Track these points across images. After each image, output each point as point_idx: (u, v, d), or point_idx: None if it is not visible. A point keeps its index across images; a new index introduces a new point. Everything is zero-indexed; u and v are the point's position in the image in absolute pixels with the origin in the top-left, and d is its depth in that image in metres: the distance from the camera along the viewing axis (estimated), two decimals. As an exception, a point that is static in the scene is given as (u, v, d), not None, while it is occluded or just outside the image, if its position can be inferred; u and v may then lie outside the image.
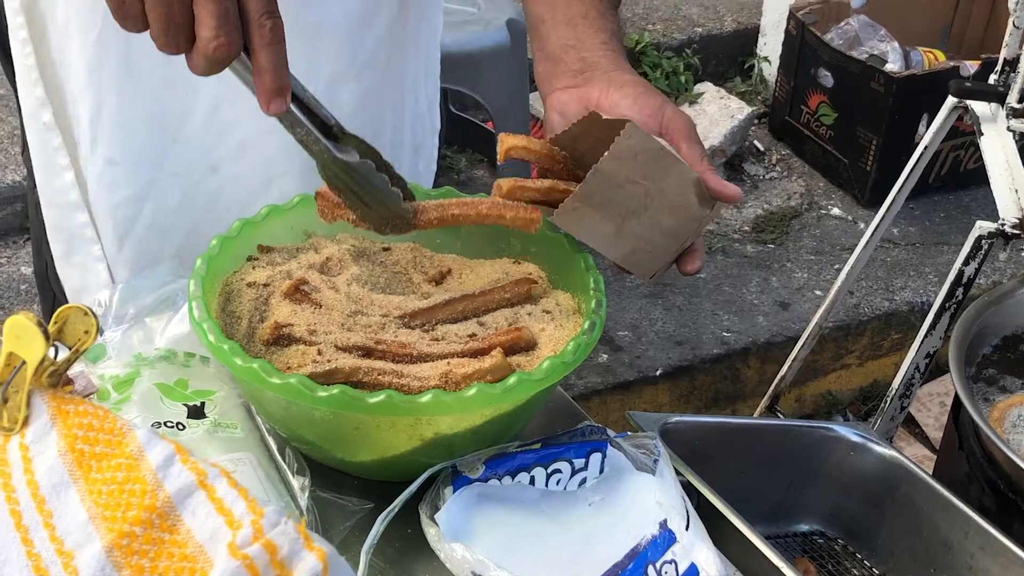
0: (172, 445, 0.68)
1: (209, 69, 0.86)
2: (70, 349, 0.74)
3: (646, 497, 0.98)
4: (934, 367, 2.78)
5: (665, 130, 1.09)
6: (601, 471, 1.01)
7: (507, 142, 1.08)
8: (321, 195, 1.04)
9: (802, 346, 2.34)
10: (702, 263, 1.12)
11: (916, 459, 1.35)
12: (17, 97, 1.30)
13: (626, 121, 1.00)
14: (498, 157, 1.10)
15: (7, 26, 1.32)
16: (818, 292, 3.16)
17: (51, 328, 0.71)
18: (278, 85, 0.87)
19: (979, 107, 1.93)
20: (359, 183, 0.98)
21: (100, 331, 0.73)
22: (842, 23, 3.62)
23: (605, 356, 2.87)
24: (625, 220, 1.04)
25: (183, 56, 0.87)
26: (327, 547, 0.63)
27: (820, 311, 2.29)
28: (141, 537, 0.64)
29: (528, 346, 1.03)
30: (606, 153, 0.99)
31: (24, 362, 0.71)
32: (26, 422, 0.71)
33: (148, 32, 0.86)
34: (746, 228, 3.44)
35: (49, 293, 1.41)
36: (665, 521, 0.96)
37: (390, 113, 1.37)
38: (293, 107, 0.91)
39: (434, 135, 1.48)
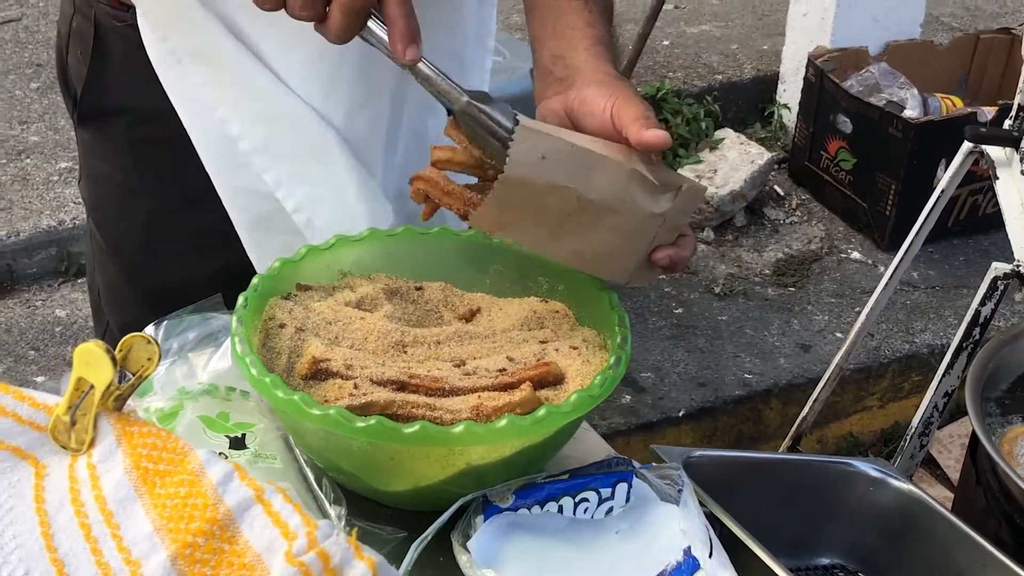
0: (231, 464, 0.72)
1: (344, 24, 0.91)
2: (133, 375, 0.78)
3: (671, 525, 1.01)
4: (954, 409, 2.81)
5: (615, 117, 1.07)
6: (627, 500, 1.04)
7: (435, 154, 1.08)
8: (421, 178, 1.08)
9: (823, 387, 2.36)
10: (675, 259, 1.08)
11: (937, 500, 1.38)
12: (78, 135, 1.35)
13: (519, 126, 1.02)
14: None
15: (69, 64, 1.38)
16: (839, 335, 3.19)
17: (117, 355, 0.76)
18: (411, 31, 0.93)
19: (994, 152, 1.96)
20: (494, 121, 1.02)
21: (161, 356, 0.78)
22: (863, 70, 3.66)
23: (628, 397, 2.90)
24: (561, 223, 1.03)
25: None
26: (376, 557, 0.67)
27: (840, 353, 2.32)
28: (203, 547, 0.68)
29: (556, 380, 1.07)
30: (507, 160, 1.00)
31: (92, 386, 0.76)
32: (92, 443, 0.75)
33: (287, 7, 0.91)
34: (767, 272, 3.48)
35: (103, 322, 1.47)
36: (689, 548, 0.99)
37: (403, 137, 1.42)
38: (426, 60, 0.97)
39: None
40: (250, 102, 1.27)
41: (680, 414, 2.89)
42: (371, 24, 0.95)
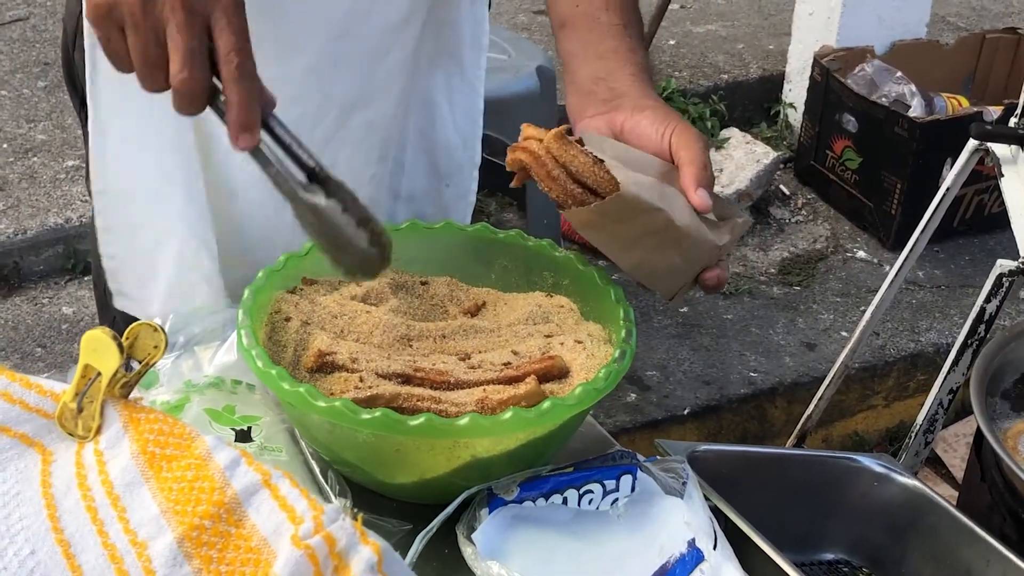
0: (237, 450, 0.73)
1: (181, 104, 0.92)
2: (140, 363, 0.79)
3: (675, 518, 1.02)
4: (960, 408, 2.81)
5: (672, 146, 1.12)
6: (632, 492, 1.04)
7: (528, 131, 1.12)
8: (526, 151, 1.09)
9: (828, 385, 2.37)
10: (721, 279, 1.13)
11: (942, 496, 1.38)
12: (85, 133, 1.36)
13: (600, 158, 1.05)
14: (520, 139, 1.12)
15: (76, 61, 1.39)
16: (844, 333, 3.19)
17: (124, 342, 0.76)
18: (246, 120, 0.92)
19: (1000, 149, 1.96)
20: (326, 224, 0.97)
21: (168, 346, 0.78)
22: (856, 69, 3.66)
23: (633, 395, 2.91)
24: (641, 238, 1.08)
25: None
26: (382, 542, 0.68)
27: (846, 351, 2.32)
28: (210, 530, 0.69)
29: (561, 374, 1.07)
30: (620, 181, 1.04)
31: (99, 374, 0.76)
32: (99, 430, 0.76)
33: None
34: (772, 271, 3.48)
35: (109, 318, 1.47)
36: (693, 540, 1.00)
37: (396, 139, 1.42)
38: (265, 146, 0.94)
39: (472, 169, 1.53)
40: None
41: (685, 412, 2.89)
42: (219, 102, 0.93)
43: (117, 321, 1.43)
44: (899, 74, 3.61)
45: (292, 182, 0.95)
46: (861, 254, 3.59)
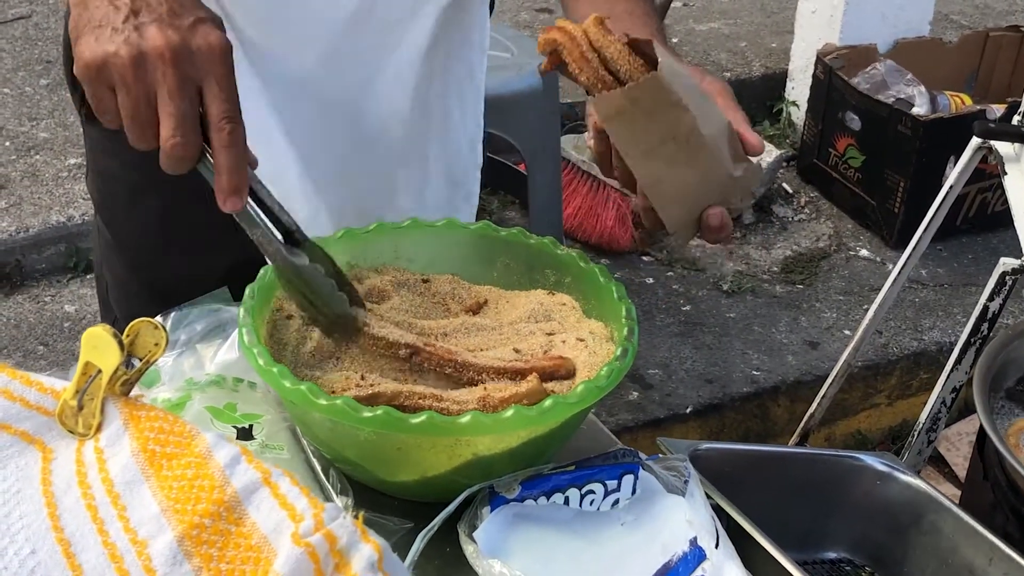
0: (237, 447, 0.73)
1: (171, 166, 0.92)
2: (140, 360, 0.79)
3: (677, 517, 1.02)
4: (963, 407, 2.80)
5: (705, 90, 1.10)
6: (633, 492, 1.04)
7: (551, 33, 1.08)
8: (562, 30, 1.07)
9: (831, 383, 2.36)
10: (724, 220, 1.09)
11: (945, 495, 1.37)
12: (86, 131, 1.36)
13: (650, 41, 1.03)
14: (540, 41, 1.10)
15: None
16: (847, 332, 3.19)
17: (125, 340, 0.76)
18: (234, 185, 0.93)
19: (1003, 147, 1.96)
20: (307, 285, 1.02)
21: (169, 344, 0.78)
22: (869, 68, 3.66)
23: (636, 394, 2.90)
24: (662, 143, 1.04)
25: None
26: (382, 541, 0.68)
27: (848, 349, 2.32)
28: (210, 528, 0.69)
29: (567, 375, 1.07)
30: (660, 62, 1.00)
31: (100, 371, 0.76)
32: (99, 427, 0.76)
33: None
34: (775, 269, 3.48)
35: (111, 316, 1.47)
36: (695, 539, 0.99)
37: (417, 142, 1.42)
38: (251, 208, 0.97)
39: (476, 171, 1.53)
40: None
41: (687, 411, 2.89)
42: (205, 166, 0.95)
43: (119, 322, 1.43)
44: (910, 75, 3.61)
45: (276, 243, 0.99)
46: (864, 252, 3.59)
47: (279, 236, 1.00)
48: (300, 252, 1.02)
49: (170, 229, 1.44)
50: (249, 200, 0.96)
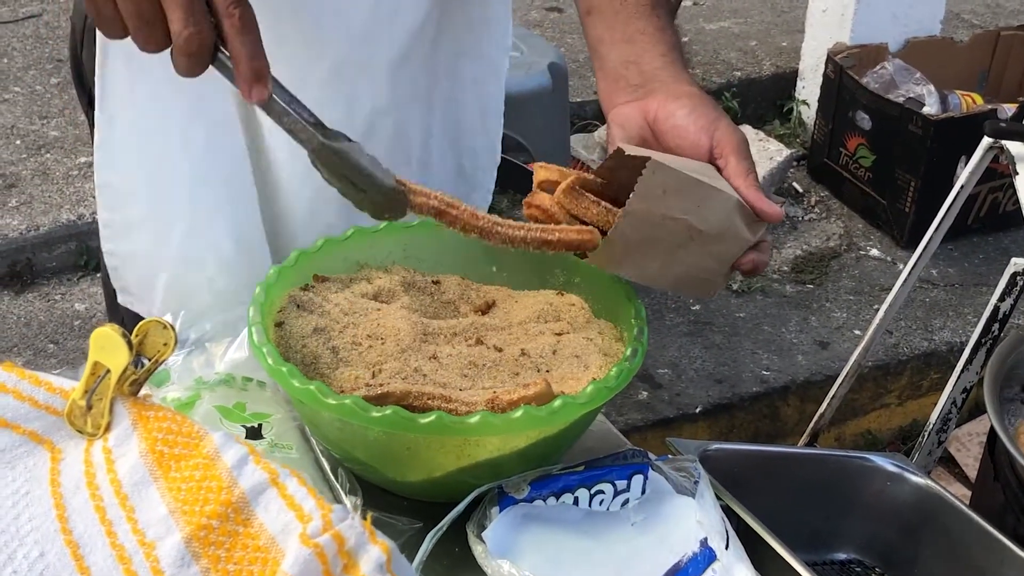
0: (245, 447, 0.73)
1: (188, 64, 0.89)
2: (149, 360, 0.79)
3: (687, 517, 1.01)
4: (974, 407, 2.80)
5: (716, 144, 1.09)
6: (643, 492, 1.04)
7: (541, 174, 1.10)
8: (538, 207, 1.08)
9: (841, 384, 2.36)
10: (757, 263, 1.10)
11: (955, 496, 1.37)
12: (93, 131, 1.36)
13: (647, 158, 1.01)
14: (534, 187, 1.11)
15: (83, 59, 1.38)
16: (857, 332, 3.18)
17: (133, 340, 0.76)
18: (255, 70, 0.90)
19: (1014, 147, 1.95)
20: (350, 166, 0.98)
21: (178, 344, 0.78)
22: (877, 67, 3.65)
23: (645, 393, 2.90)
24: (672, 254, 1.05)
25: None
26: (390, 542, 0.68)
27: (859, 349, 2.31)
28: (218, 530, 0.69)
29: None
30: (632, 195, 1.00)
31: (108, 371, 0.76)
32: (108, 427, 0.76)
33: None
34: (785, 268, 3.47)
35: (118, 316, 1.47)
36: (705, 539, 0.99)
37: (424, 141, 1.41)
38: (275, 98, 0.93)
39: (492, 169, 1.53)
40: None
41: (697, 410, 2.88)
42: (221, 61, 0.91)
43: (126, 320, 1.43)
44: (919, 75, 3.60)
45: (311, 128, 0.94)
46: (874, 252, 3.58)
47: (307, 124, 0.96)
48: (335, 133, 0.98)
49: None
50: (273, 92, 0.93)
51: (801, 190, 3.85)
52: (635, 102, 1.13)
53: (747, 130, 3.85)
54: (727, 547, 1.00)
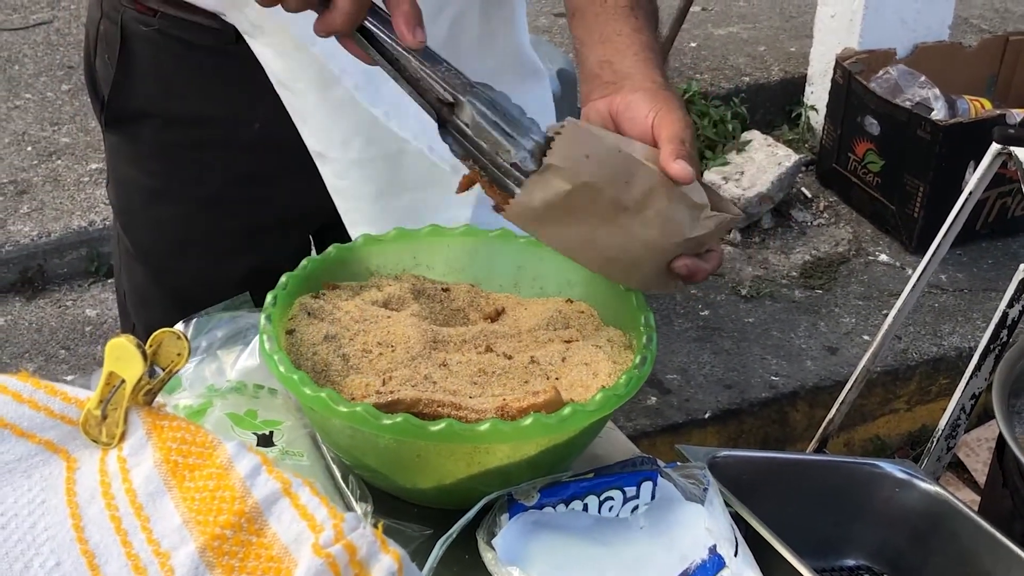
0: (258, 457, 0.73)
1: (353, 10, 0.90)
2: (163, 370, 0.79)
3: (696, 524, 1.02)
4: (983, 413, 2.79)
5: (656, 125, 1.07)
6: (652, 499, 1.04)
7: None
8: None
9: (850, 389, 2.36)
10: (692, 269, 1.06)
11: (964, 502, 1.37)
12: (106, 138, 1.37)
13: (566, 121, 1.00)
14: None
15: (96, 67, 1.39)
16: (866, 337, 3.18)
17: (148, 350, 0.77)
18: (416, 13, 0.92)
19: (1023, 153, 1.96)
20: (502, 113, 0.97)
21: (191, 353, 0.79)
22: (881, 72, 3.65)
23: (654, 399, 2.90)
24: (595, 229, 1.02)
25: None
26: (401, 551, 0.68)
27: (868, 354, 2.31)
28: (231, 539, 0.69)
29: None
30: (549, 151, 0.98)
31: (123, 381, 0.77)
32: (123, 437, 0.77)
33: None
34: (794, 274, 3.47)
35: (129, 322, 1.48)
36: (714, 547, 1.00)
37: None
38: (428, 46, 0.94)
39: None
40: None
41: (706, 416, 2.88)
42: (367, 23, 0.93)
43: (137, 330, 1.44)
44: (923, 78, 3.60)
45: (464, 76, 0.95)
46: (883, 257, 3.58)
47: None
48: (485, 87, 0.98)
49: (188, 235, 1.44)
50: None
51: (810, 195, 3.85)
52: (604, 98, 1.13)
53: (756, 135, 3.85)
54: (736, 554, 1.00)
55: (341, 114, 1.30)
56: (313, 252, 1.51)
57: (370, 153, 1.34)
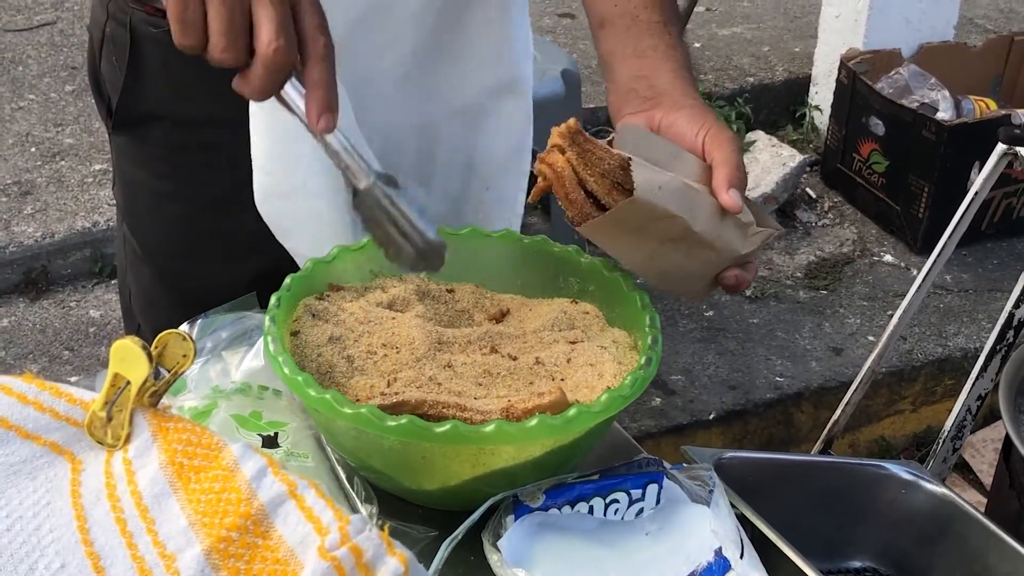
0: (264, 459, 0.73)
1: (265, 79, 0.88)
2: (168, 372, 0.79)
3: (701, 526, 1.02)
4: (988, 414, 2.79)
5: (706, 144, 1.11)
6: (658, 502, 1.04)
7: (554, 137, 1.10)
8: (550, 165, 1.08)
9: (855, 390, 2.35)
10: (740, 279, 1.12)
11: (970, 503, 1.37)
12: (111, 139, 1.36)
13: (628, 157, 1.04)
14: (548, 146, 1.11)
15: (102, 70, 1.39)
16: (871, 338, 3.17)
17: (153, 351, 0.77)
18: (329, 101, 0.90)
19: (1029, 154, 1.95)
20: (399, 209, 0.97)
21: (196, 354, 0.79)
22: (892, 73, 3.65)
23: (659, 400, 2.90)
24: (661, 246, 1.07)
25: None
26: (408, 553, 0.68)
27: (873, 356, 2.31)
28: (237, 542, 0.69)
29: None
30: (635, 183, 1.02)
31: (128, 382, 0.77)
32: (128, 439, 0.77)
33: (208, 48, 0.88)
34: (799, 274, 3.47)
35: (134, 324, 1.48)
36: (720, 549, 0.99)
37: (446, 131, 1.43)
38: (338, 132, 0.92)
39: (520, 178, 1.53)
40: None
41: (711, 417, 2.88)
42: (289, 86, 0.92)
43: (142, 330, 1.44)
44: (933, 80, 3.60)
45: (368, 167, 0.94)
46: (888, 258, 3.57)
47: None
48: (389, 175, 0.97)
49: (195, 237, 1.44)
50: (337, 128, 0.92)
51: (814, 196, 3.85)
52: (642, 113, 1.16)
53: (760, 136, 3.85)
54: (742, 556, 1.00)
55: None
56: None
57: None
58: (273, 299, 1.08)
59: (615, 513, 1.03)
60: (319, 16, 0.90)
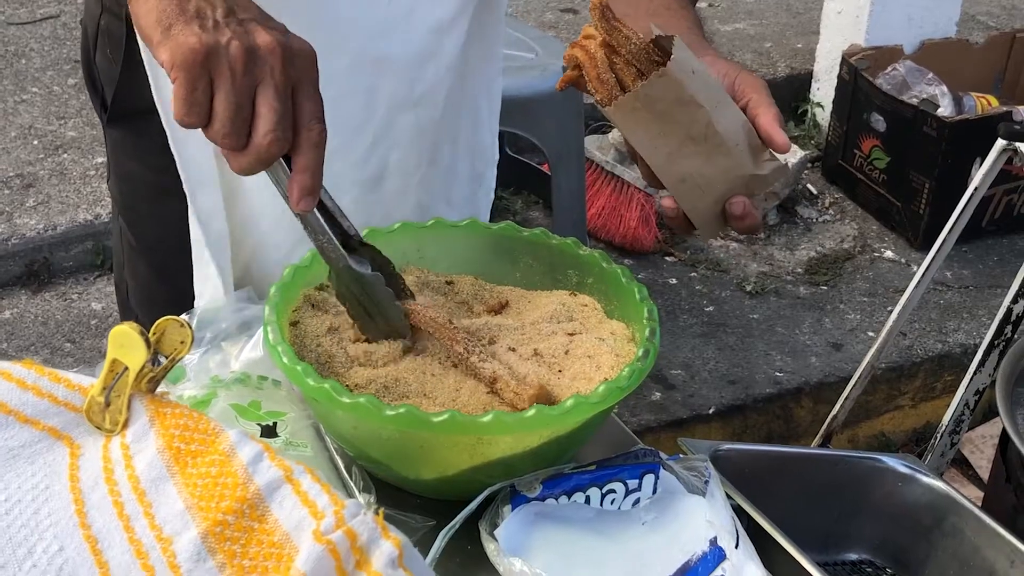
0: (260, 444, 0.74)
1: (254, 165, 0.92)
2: (167, 358, 0.80)
3: (697, 516, 1.02)
4: (987, 409, 2.79)
5: (738, 87, 1.10)
6: (654, 492, 1.05)
7: (587, 30, 1.08)
8: (583, 49, 1.07)
9: (854, 385, 2.36)
10: (747, 209, 1.09)
11: (967, 497, 1.37)
12: (106, 133, 1.36)
13: (672, 36, 1.02)
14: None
15: (97, 63, 1.39)
16: (871, 334, 3.18)
17: (151, 337, 0.77)
18: (313, 186, 0.94)
19: (1028, 149, 1.96)
20: (367, 294, 1.04)
21: (195, 342, 0.79)
22: (889, 69, 3.65)
23: (658, 394, 2.90)
24: (682, 146, 1.05)
25: None
26: (402, 537, 0.69)
27: (872, 351, 2.31)
28: (233, 525, 0.70)
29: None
30: (669, 61, 1.01)
31: (126, 368, 0.77)
32: (126, 424, 0.77)
33: (209, 128, 0.91)
34: (799, 270, 3.47)
35: (131, 315, 1.48)
36: (715, 539, 1.00)
37: (448, 143, 1.42)
38: (317, 213, 0.97)
39: (493, 166, 1.53)
40: None
41: (710, 411, 2.89)
42: (277, 166, 0.95)
43: (139, 319, 1.44)
44: (931, 75, 3.60)
45: (341, 252, 1.00)
46: (888, 254, 3.57)
47: (339, 244, 1.01)
48: (362, 259, 1.03)
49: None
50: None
51: (815, 192, 3.85)
52: None
53: (761, 132, 3.84)
54: (737, 546, 1.00)
55: None
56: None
57: None
58: (272, 289, 1.09)
59: (612, 503, 1.04)
60: (318, 104, 0.93)
